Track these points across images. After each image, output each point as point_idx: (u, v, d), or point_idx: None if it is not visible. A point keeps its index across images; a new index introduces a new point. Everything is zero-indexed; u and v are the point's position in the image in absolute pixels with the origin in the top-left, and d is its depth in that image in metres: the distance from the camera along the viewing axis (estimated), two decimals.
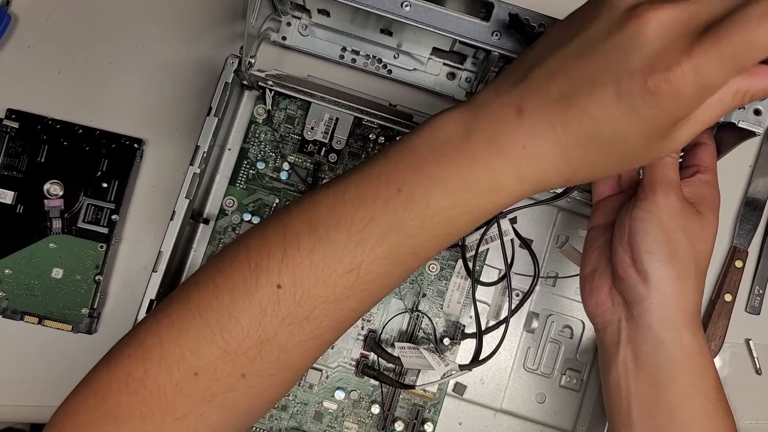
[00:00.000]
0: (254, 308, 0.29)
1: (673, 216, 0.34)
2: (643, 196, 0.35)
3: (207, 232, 0.47)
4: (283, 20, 0.46)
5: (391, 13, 0.37)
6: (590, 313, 0.39)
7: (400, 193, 0.28)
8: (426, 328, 0.47)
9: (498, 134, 0.28)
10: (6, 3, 0.49)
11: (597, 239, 0.39)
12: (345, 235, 0.29)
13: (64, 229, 0.47)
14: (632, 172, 0.40)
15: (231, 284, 0.29)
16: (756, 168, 0.50)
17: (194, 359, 0.29)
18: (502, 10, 0.37)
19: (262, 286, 0.29)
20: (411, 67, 0.47)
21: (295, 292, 0.29)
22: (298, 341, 0.30)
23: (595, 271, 0.38)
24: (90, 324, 0.46)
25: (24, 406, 0.47)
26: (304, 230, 0.29)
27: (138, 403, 0.28)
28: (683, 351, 0.34)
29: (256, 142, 0.48)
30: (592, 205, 0.41)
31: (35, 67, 0.49)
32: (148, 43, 0.49)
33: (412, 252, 0.30)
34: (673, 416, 0.34)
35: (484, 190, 0.29)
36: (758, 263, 0.50)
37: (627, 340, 0.36)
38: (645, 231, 0.34)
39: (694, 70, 0.25)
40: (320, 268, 0.29)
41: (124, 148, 0.47)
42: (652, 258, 0.34)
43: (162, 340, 0.29)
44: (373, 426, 0.46)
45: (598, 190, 0.40)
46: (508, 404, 0.48)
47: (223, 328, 0.29)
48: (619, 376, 0.36)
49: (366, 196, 0.29)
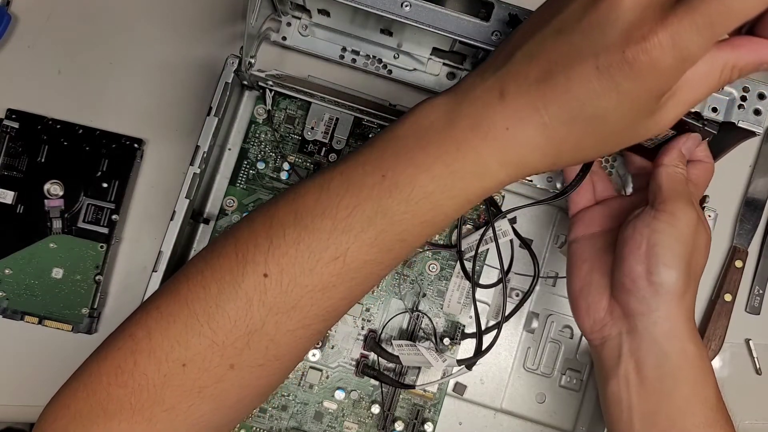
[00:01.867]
0: (241, 298, 0.29)
1: (692, 230, 0.34)
2: (662, 208, 0.34)
3: (207, 232, 0.47)
4: (283, 20, 0.46)
5: (391, 13, 0.37)
6: (587, 330, 0.37)
7: (384, 179, 0.29)
8: (426, 328, 0.47)
9: (481, 119, 0.28)
10: (6, 3, 0.49)
11: (583, 251, 0.38)
12: (330, 222, 0.29)
13: (64, 229, 0.47)
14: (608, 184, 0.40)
15: (219, 275, 0.29)
16: (756, 168, 0.50)
17: (182, 350, 0.29)
18: (502, 10, 0.37)
19: (248, 276, 0.29)
20: (411, 67, 0.47)
21: (282, 281, 0.29)
22: (287, 330, 0.30)
23: (589, 285, 0.37)
24: (90, 324, 0.46)
25: (24, 406, 0.47)
26: (289, 220, 0.29)
27: (127, 395, 0.29)
28: (687, 361, 0.34)
29: (256, 142, 0.48)
30: (570, 218, 0.40)
31: (35, 67, 0.49)
32: (148, 43, 0.49)
33: (399, 239, 0.30)
34: (675, 425, 0.34)
35: (468, 174, 0.29)
36: (758, 263, 0.50)
37: (629, 353, 0.35)
38: (666, 244, 0.33)
39: (671, 38, 0.25)
40: (306, 257, 0.29)
41: (124, 148, 0.47)
42: (670, 271, 0.33)
43: (151, 332, 0.29)
44: (373, 426, 0.46)
45: (575, 201, 0.40)
46: (508, 404, 0.48)
47: (211, 319, 0.29)
48: (620, 388, 0.35)
49: (351, 184, 0.29)
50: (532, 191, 0.48)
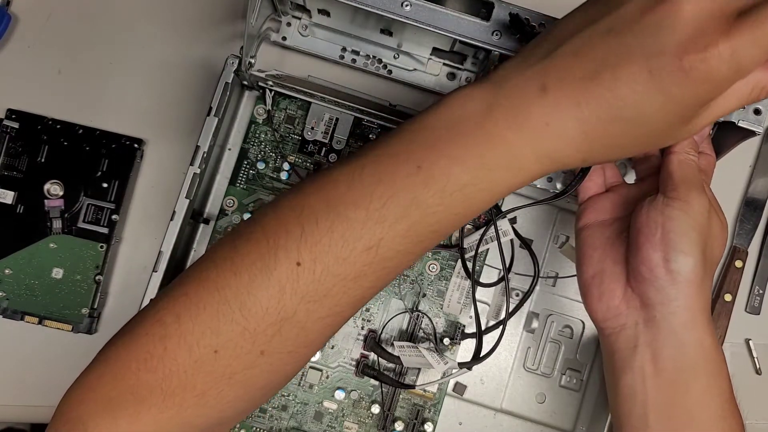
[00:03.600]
0: (273, 286, 0.29)
1: (705, 217, 0.33)
2: (675, 195, 0.34)
3: (207, 232, 0.47)
4: (283, 20, 0.46)
5: (392, 13, 0.37)
6: (599, 318, 0.36)
7: (419, 170, 0.28)
8: (426, 328, 0.47)
9: (519, 110, 0.28)
10: (6, 3, 0.49)
11: (593, 238, 0.38)
12: (364, 212, 0.29)
13: (64, 229, 0.47)
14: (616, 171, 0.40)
15: (249, 262, 0.29)
16: (756, 168, 0.50)
17: (214, 337, 0.29)
18: (502, 10, 0.37)
19: (281, 263, 0.29)
20: (411, 68, 0.47)
21: (315, 270, 0.29)
22: (317, 318, 0.30)
23: (602, 273, 0.37)
24: (90, 324, 0.46)
25: (24, 406, 0.47)
26: (321, 208, 0.29)
27: (158, 381, 0.29)
28: (704, 353, 0.34)
29: (256, 142, 0.48)
30: (579, 204, 0.40)
31: (35, 67, 0.49)
32: (148, 43, 0.49)
33: (431, 230, 0.30)
34: (692, 418, 0.33)
35: (502, 167, 0.29)
36: (758, 263, 0.50)
37: (646, 344, 0.34)
38: (681, 231, 0.33)
39: (731, 50, 0.25)
40: (340, 246, 0.29)
41: (124, 148, 0.47)
42: (687, 258, 0.33)
43: (180, 317, 0.29)
44: (373, 426, 0.46)
45: (586, 186, 0.40)
46: (508, 404, 0.48)
47: (243, 306, 0.29)
48: (635, 380, 0.35)
49: (384, 174, 0.29)
50: (532, 191, 0.48)
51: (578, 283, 0.38)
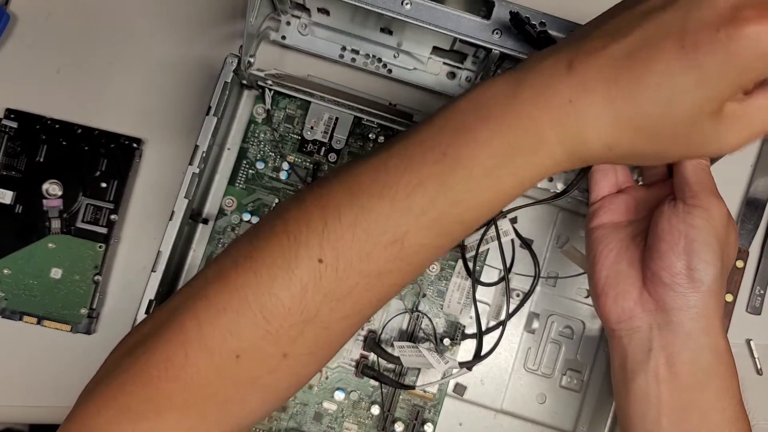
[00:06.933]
0: (295, 285, 0.28)
1: (725, 225, 0.33)
2: (696, 203, 0.33)
3: (206, 232, 0.47)
4: (283, 19, 0.46)
5: (392, 12, 0.37)
6: (613, 319, 0.36)
7: (445, 156, 0.28)
8: (426, 328, 0.47)
9: (545, 88, 0.27)
10: (5, 2, 0.49)
11: (607, 239, 0.37)
12: (389, 204, 0.28)
13: (63, 229, 0.46)
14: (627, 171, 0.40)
15: (270, 260, 0.28)
16: (756, 168, 0.50)
17: (235, 341, 0.28)
18: (502, 9, 0.37)
19: (302, 260, 0.28)
20: (411, 67, 0.47)
21: (338, 267, 0.28)
22: (341, 317, 0.29)
23: (617, 274, 0.36)
24: (89, 324, 0.46)
25: (23, 406, 0.47)
26: (345, 201, 0.28)
27: (179, 390, 0.28)
28: (718, 357, 0.34)
29: (256, 141, 0.47)
30: (590, 204, 0.39)
31: (34, 67, 0.49)
32: (148, 42, 0.49)
33: (458, 220, 0.29)
34: (707, 421, 0.33)
35: (527, 150, 0.28)
36: (759, 263, 0.50)
37: (661, 347, 0.34)
38: (705, 241, 0.33)
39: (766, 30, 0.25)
40: (363, 240, 0.28)
41: (123, 147, 0.47)
42: (710, 268, 0.33)
43: (201, 322, 0.28)
44: (372, 427, 0.46)
45: (600, 185, 0.39)
46: (508, 405, 0.48)
47: (264, 307, 0.28)
48: (649, 384, 0.34)
49: (411, 162, 0.28)
50: (532, 191, 0.47)
51: (590, 284, 0.38)
